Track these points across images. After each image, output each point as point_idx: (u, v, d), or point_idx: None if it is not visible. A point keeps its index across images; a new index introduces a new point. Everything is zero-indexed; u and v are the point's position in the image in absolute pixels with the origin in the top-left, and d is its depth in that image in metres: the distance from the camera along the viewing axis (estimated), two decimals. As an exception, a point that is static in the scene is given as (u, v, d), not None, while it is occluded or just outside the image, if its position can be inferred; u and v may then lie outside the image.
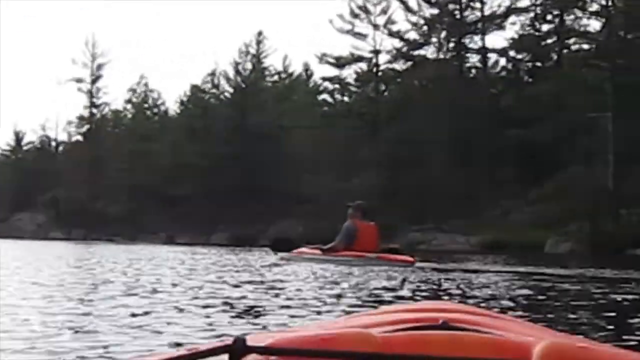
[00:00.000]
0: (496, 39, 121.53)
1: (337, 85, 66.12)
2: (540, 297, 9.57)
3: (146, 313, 6.60)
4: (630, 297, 9.87)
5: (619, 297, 9.75)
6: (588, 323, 6.88)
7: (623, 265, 20.69)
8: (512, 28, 62.13)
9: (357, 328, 1.78)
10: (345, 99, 67.06)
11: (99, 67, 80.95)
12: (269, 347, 1.55)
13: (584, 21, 52.67)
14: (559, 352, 1.59)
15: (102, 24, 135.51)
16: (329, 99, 68.08)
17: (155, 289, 9.21)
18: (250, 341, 1.52)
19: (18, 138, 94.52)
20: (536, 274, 15.17)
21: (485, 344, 1.68)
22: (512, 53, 58.88)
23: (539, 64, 57.56)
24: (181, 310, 6.91)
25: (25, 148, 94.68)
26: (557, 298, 9.61)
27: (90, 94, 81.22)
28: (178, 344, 4.81)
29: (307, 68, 77.93)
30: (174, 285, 10.15)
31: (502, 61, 60.11)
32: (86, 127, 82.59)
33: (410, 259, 17.80)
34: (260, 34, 74.30)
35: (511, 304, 8.38)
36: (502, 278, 13.14)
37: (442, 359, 1.60)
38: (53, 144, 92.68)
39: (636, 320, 6.92)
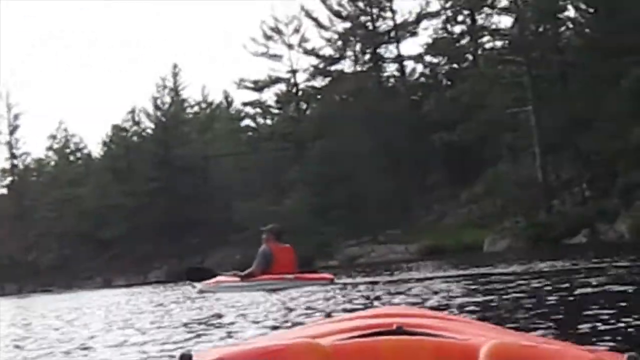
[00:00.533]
0: (411, 46, 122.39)
1: (258, 109, 65.81)
2: (482, 299, 9.30)
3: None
4: (569, 288, 9.71)
5: (560, 290, 9.60)
6: (532, 319, 6.63)
7: (560, 255, 20.65)
8: (426, 33, 62.60)
9: (307, 338, 1.75)
10: (268, 121, 66.84)
11: (16, 117, 79.66)
12: None
13: (495, 18, 53.11)
14: (504, 351, 1.64)
15: (15, 73, 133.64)
16: (252, 124, 67.67)
17: (87, 335, 8.92)
18: (196, 356, 1.53)
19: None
20: (473, 275, 15.01)
21: (436, 347, 1.71)
22: (428, 58, 59.20)
23: (455, 65, 57.84)
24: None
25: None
26: (499, 297, 9.34)
27: (10, 146, 79.90)
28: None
29: (226, 95, 77.60)
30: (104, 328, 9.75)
31: (420, 67, 60.48)
32: (9, 179, 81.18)
33: (329, 276, 17.59)
34: (175, 66, 73.80)
35: (453, 309, 8.07)
36: (442, 283, 12.88)
37: None
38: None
39: (581, 311, 6.78)
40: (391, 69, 61.29)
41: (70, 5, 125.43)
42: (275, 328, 7.37)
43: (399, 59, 59.89)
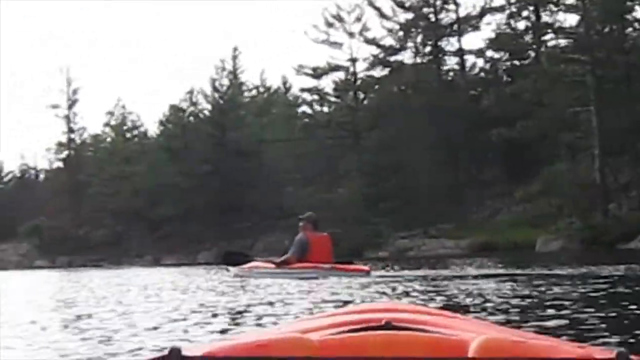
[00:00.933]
0: (472, 40, 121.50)
1: (315, 96, 65.56)
2: (528, 301, 8.93)
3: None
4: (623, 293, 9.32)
5: (613, 295, 9.20)
6: (585, 324, 6.29)
7: (614, 260, 20.15)
8: (488, 28, 61.82)
9: (295, 333, 1.77)
10: (325, 109, 66.56)
11: (75, 91, 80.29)
12: (204, 356, 1.56)
13: (560, 16, 52.32)
14: (494, 347, 1.63)
15: (77, 49, 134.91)
16: (309, 111, 67.51)
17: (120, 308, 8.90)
18: (186, 351, 1.50)
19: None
20: (525, 275, 14.62)
21: (426, 343, 1.71)
22: (489, 53, 58.61)
23: (517, 62, 57.15)
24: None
25: (5, 179, 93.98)
26: (547, 299, 8.98)
27: (68, 120, 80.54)
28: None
29: (285, 81, 77.76)
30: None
31: (480, 62, 59.89)
32: (65, 153, 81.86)
33: (365, 268, 17.38)
34: (235, 49, 73.89)
35: (494, 310, 7.72)
36: (489, 282, 12.53)
37: (378, 359, 1.59)
38: (33, 172, 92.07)
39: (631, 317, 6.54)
40: (451, 62, 60.83)
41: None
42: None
43: (460, 52, 59.37)
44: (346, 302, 9.07)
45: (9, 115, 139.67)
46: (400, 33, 60.48)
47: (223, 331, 6.46)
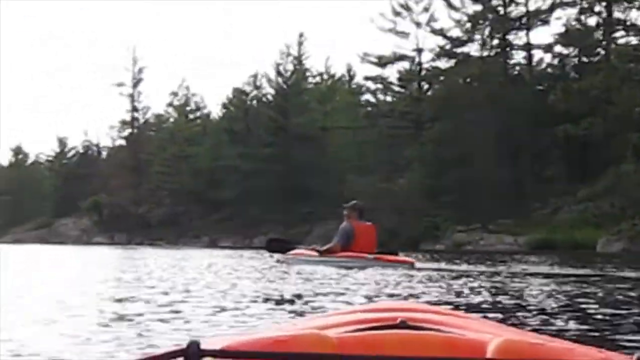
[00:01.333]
0: (541, 35, 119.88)
1: (379, 85, 65.30)
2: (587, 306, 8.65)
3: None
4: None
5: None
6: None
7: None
8: (558, 23, 60.90)
9: (312, 329, 1.77)
10: (388, 98, 66.26)
11: (140, 70, 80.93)
12: (223, 350, 1.54)
13: (633, 13, 51.42)
14: (513, 349, 1.62)
15: (143, 29, 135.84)
16: (372, 99, 67.26)
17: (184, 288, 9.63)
18: (205, 345, 1.50)
19: (62, 144, 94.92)
20: (587, 276, 14.29)
21: (441, 342, 1.70)
22: (557, 48, 57.79)
23: (585, 59, 56.31)
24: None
25: (68, 154, 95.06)
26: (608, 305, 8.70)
27: (132, 98, 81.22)
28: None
29: (349, 69, 77.57)
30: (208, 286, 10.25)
31: (548, 57, 59.11)
32: (128, 131, 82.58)
33: (410, 260, 17.27)
34: (301, 35, 73.89)
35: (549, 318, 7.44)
36: (544, 282, 12.22)
37: (398, 358, 1.57)
38: (95, 149, 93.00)
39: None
40: (518, 56, 60.08)
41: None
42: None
43: (528, 47, 58.59)
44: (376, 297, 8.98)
45: (74, 91, 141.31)
46: (468, 25, 59.86)
47: (251, 318, 6.59)
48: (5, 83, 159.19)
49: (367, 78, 65.85)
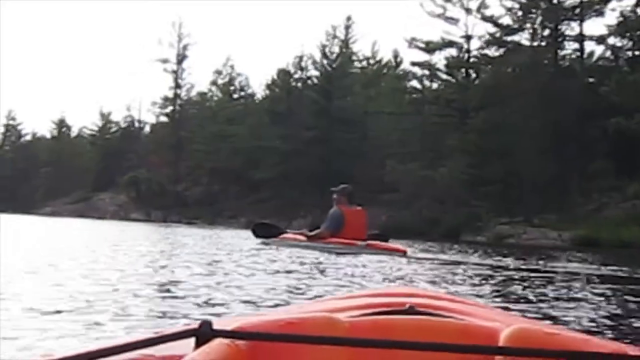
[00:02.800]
0: (594, 26, 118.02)
1: (426, 71, 64.36)
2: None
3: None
4: None
5: None
6: None
7: None
8: (612, 14, 59.41)
9: (323, 312, 1.77)
10: (434, 85, 65.32)
11: (185, 47, 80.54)
12: (235, 331, 1.55)
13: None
14: (527, 336, 1.59)
15: (190, 6, 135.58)
16: (418, 86, 66.31)
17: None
18: (217, 325, 1.51)
19: (104, 118, 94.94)
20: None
21: (452, 329, 1.69)
22: (610, 40, 56.37)
23: (638, 52, 54.90)
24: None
25: (110, 129, 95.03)
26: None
27: (176, 75, 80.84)
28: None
29: (396, 55, 76.67)
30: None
31: (600, 49, 57.73)
32: (170, 108, 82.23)
33: (402, 248, 16.50)
34: (349, 18, 73.28)
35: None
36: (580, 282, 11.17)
37: (409, 343, 1.55)
38: (137, 124, 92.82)
39: None
40: (570, 47, 58.70)
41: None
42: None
43: (580, 37, 57.23)
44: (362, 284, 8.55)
45: (118, 66, 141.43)
46: (520, 13, 58.71)
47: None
48: (52, 56, 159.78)
49: (413, 64, 65.06)
